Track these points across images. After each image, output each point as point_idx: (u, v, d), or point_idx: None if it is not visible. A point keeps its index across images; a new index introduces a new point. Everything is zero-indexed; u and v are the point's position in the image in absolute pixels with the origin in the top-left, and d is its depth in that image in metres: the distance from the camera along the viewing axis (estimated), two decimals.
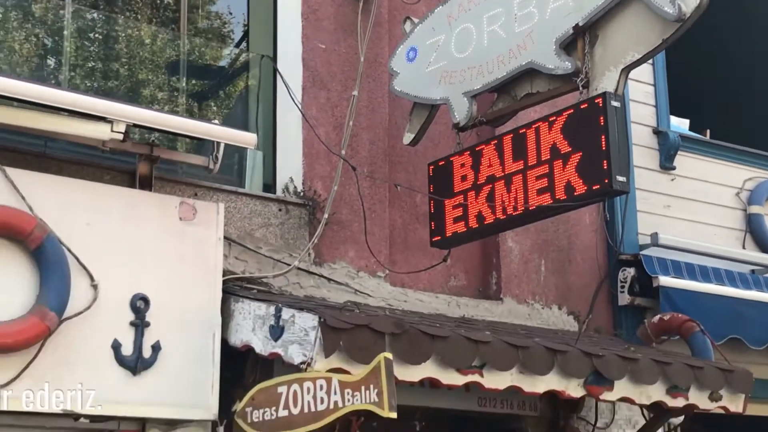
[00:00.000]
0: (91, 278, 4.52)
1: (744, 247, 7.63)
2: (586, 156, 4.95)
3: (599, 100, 4.93)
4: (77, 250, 4.51)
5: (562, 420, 6.05)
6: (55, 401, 4.38)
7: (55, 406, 4.37)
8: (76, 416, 4.45)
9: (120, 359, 4.54)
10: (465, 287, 6.28)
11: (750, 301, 6.94)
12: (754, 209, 7.80)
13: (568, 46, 5.12)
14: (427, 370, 4.56)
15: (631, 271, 6.64)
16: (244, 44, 6.31)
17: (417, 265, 5.93)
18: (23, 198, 4.41)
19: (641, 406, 5.65)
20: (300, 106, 5.80)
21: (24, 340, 4.27)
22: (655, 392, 5.25)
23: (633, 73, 5.25)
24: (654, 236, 6.90)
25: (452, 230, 5.60)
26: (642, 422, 6.01)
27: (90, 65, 5.75)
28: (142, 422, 4.74)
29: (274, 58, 5.95)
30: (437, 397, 5.33)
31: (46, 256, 4.41)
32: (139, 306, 4.64)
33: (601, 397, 5.20)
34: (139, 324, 4.62)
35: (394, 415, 4.00)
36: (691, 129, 7.79)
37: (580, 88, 5.08)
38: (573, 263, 6.69)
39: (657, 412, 5.70)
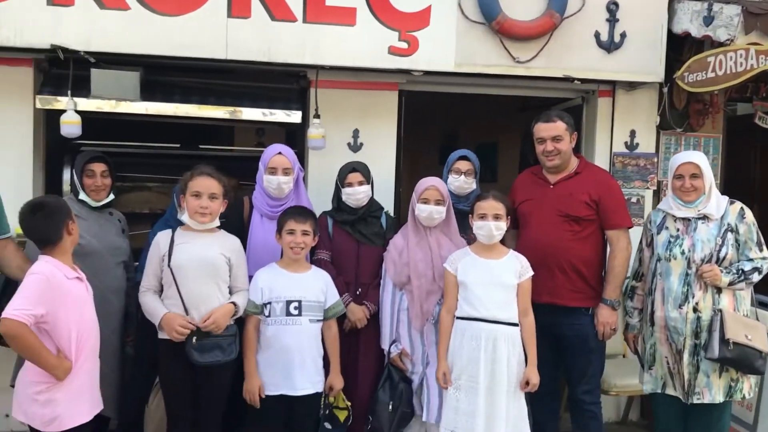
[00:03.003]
0: None
1: None
2: None
3: None
4: None
5: None
6: (559, 70, 4.53)
7: (558, 73, 4.53)
8: (572, 79, 4.56)
9: (599, 43, 4.54)
10: None
11: None
12: None
13: None
14: None
15: None
16: None
17: None
18: None
19: None
20: None
21: (541, 31, 4.42)
22: None
23: None
24: None
25: None
26: None
27: None
28: (613, 84, 4.78)
29: None
30: None
31: None
32: (612, 8, 4.53)
33: None
34: (612, 20, 4.54)
35: None
36: None
37: None
38: None
39: None
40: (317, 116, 4.41)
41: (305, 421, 3.36)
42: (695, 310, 3.39)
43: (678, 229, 3.52)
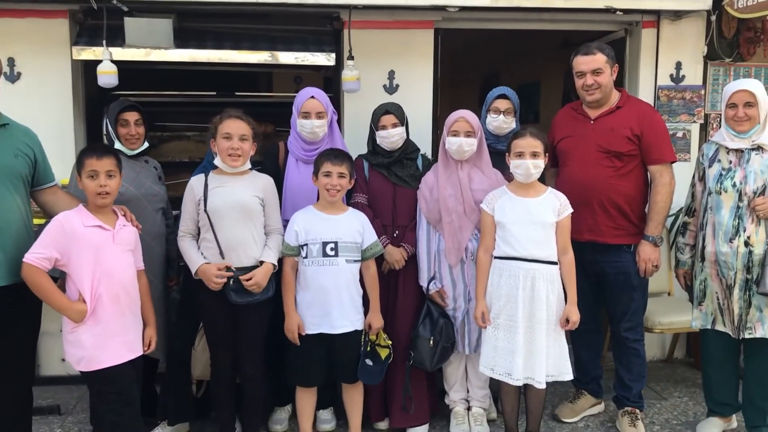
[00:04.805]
0: None
1: None
2: None
3: None
4: None
5: None
6: (600, 1, 4.28)
7: (599, 4, 4.29)
8: (613, 10, 4.33)
9: None
10: None
11: None
12: None
13: None
14: None
15: None
16: None
17: None
18: None
19: None
20: None
21: None
22: None
23: None
24: None
25: None
26: None
27: None
28: (657, 14, 4.57)
29: None
30: None
31: None
32: None
33: None
34: None
35: None
36: None
37: None
38: None
39: None
40: (351, 58, 4.34)
41: (345, 358, 3.41)
42: (747, 244, 3.29)
43: (730, 162, 3.39)
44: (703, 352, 3.66)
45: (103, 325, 2.84)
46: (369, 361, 3.43)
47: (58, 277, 2.92)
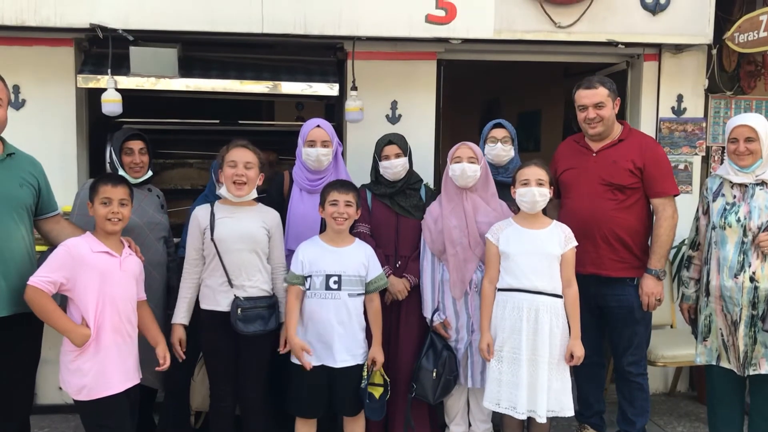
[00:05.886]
0: None
1: None
2: None
3: None
4: None
5: None
6: (602, 35, 4.35)
7: (602, 38, 4.36)
8: (615, 44, 4.40)
9: (644, 5, 4.35)
10: None
11: None
12: None
13: None
14: None
15: None
16: None
17: None
18: None
19: None
20: None
21: None
22: None
23: None
24: None
25: None
26: None
27: None
28: (658, 47, 4.62)
29: None
30: None
31: None
32: None
33: None
34: None
35: None
36: None
37: None
38: None
39: None
40: (354, 88, 4.38)
41: (346, 391, 3.38)
42: (752, 279, 3.27)
43: (734, 196, 3.38)
44: (708, 387, 3.63)
45: (104, 352, 2.85)
46: (367, 399, 3.40)
47: (59, 304, 2.92)
